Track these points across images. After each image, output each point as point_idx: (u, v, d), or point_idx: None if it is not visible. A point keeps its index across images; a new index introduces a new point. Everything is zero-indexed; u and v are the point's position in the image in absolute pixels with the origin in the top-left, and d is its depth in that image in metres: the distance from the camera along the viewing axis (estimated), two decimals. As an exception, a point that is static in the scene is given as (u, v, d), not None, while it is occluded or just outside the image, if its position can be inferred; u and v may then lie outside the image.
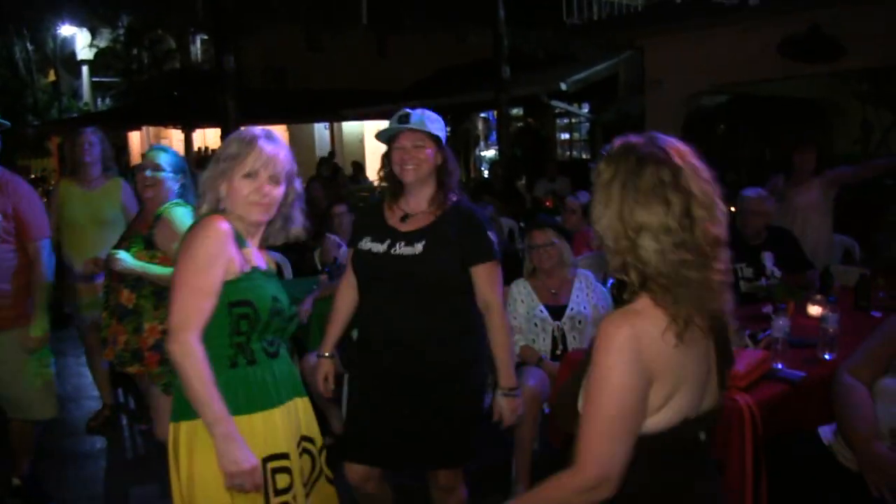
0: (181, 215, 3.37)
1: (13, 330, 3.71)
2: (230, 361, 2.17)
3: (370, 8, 12.00)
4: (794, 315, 3.74)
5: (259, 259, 2.30)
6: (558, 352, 4.00)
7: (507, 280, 4.42)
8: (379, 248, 2.83)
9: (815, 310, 3.84)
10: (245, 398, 2.17)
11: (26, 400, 3.80)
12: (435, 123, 2.81)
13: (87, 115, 22.55)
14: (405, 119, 2.79)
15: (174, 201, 3.48)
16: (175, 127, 21.49)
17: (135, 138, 23.37)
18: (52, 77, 25.68)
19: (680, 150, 1.67)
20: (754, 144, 10.52)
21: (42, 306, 3.71)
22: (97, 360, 5.05)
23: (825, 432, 2.81)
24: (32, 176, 19.91)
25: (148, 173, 3.51)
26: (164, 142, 24.32)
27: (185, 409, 2.13)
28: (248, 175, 2.22)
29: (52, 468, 4.48)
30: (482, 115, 17.35)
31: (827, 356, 3.24)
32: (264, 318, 2.20)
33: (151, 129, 23.35)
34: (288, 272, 5.89)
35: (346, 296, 3.00)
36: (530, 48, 12.94)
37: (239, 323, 2.16)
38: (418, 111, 2.81)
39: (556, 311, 4.02)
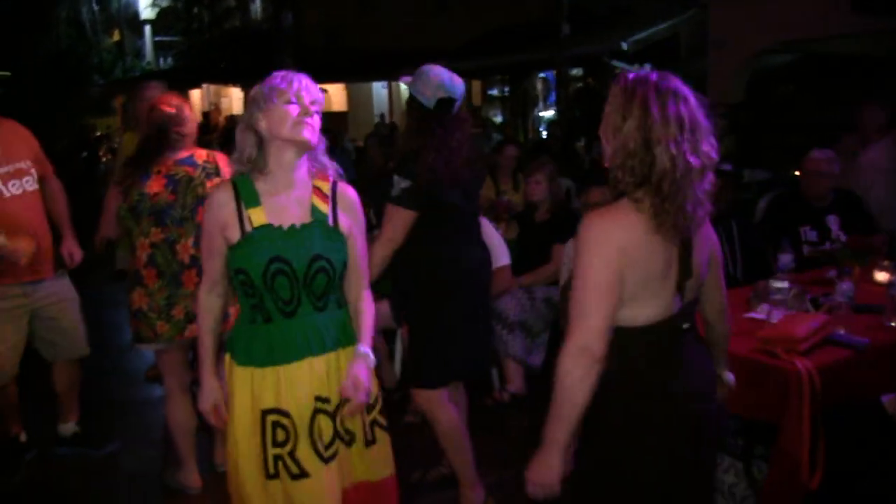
0: None
1: (57, 273, 3.88)
2: (250, 319, 2.29)
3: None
4: (860, 280, 3.62)
5: (279, 214, 2.25)
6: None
7: (564, 238, 4.41)
8: None
9: (882, 276, 3.70)
10: (259, 352, 2.26)
11: (77, 337, 3.96)
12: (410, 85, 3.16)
13: (150, 73, 22.90)
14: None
15: None
16: (234, 85, 21.71)
17: (195, 96, 23.68)
18: (116, 37, 26.13)
19: (688, 91, 1.96)
20: (821, 105, 10.17)
21: (67, 214, 4.00)
22: None
23: (888, 401, 2.73)
24: (98, 134, 20.36)
25: None
26: (223, 100, 24.62)
27: (231, 347, 2.35)
28: (290, 101, 2.23)
29: (114, 415, 4.62)
30: (541, 75, 17.12)
31: (893, 323, 3.13)
32: (259, 283, 2.21)
33: (212, 87, 23.63)
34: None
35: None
36: (590, 6, 12.68)
37: (244, 288, 2.25)
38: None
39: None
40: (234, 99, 24.12)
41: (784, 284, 3.20)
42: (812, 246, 4.46)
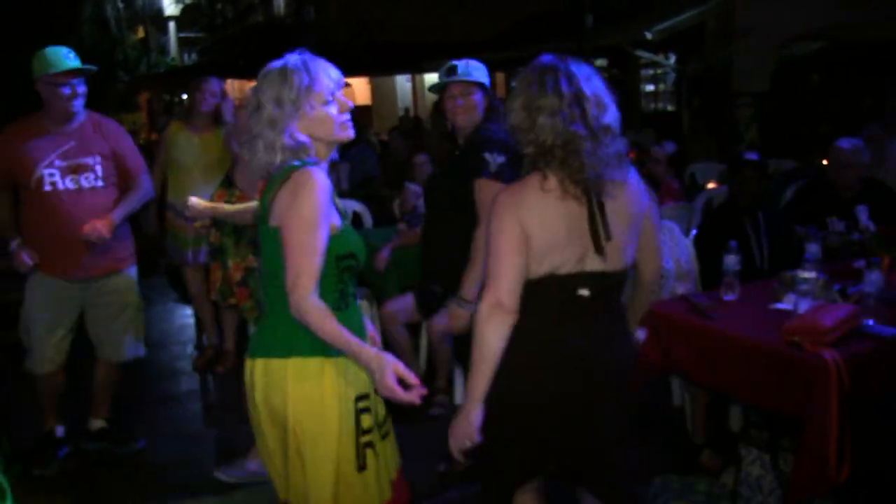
0: None
1: (119, 273, 3.88)
2: (335, 308, 2.18)
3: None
4: (889, 271, 3.56)
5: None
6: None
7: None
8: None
9: (911, 265, 3.65)
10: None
11: (121, 343, 3.97)
12: (478, 71, 3.12)
13: (175, 69, 23.05)
14: (453, 71, 3.11)
15: None
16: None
17: (220, 92, 23.78)
18: (140, 34, 26.31)
19: (581, 67, 2.18)
20: (850, 94, 10.02)
21: (127, 205, 3.80)
22: (203, 301, 5.30)
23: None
24: (124, 130, 20.52)
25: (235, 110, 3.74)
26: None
27: (292, 345, 2.18)
28: (327, 101, 2.18)
29: (140, 409, 4.68)
30: (564, 66, 17.01)
31: (923, 313, 3.08)
32: (363, 265, 2.28)
33: (236, 82, 23.74)
34: (368, 221, 5.94)
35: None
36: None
37: (343, 274, 2.20)
38: (463, 62, 3.12)
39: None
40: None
41: (811, 275, 3.15)
42: (839, 236, 4.40)
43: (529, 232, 2.14)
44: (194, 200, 3.44)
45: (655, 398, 4.25)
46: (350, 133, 2.22)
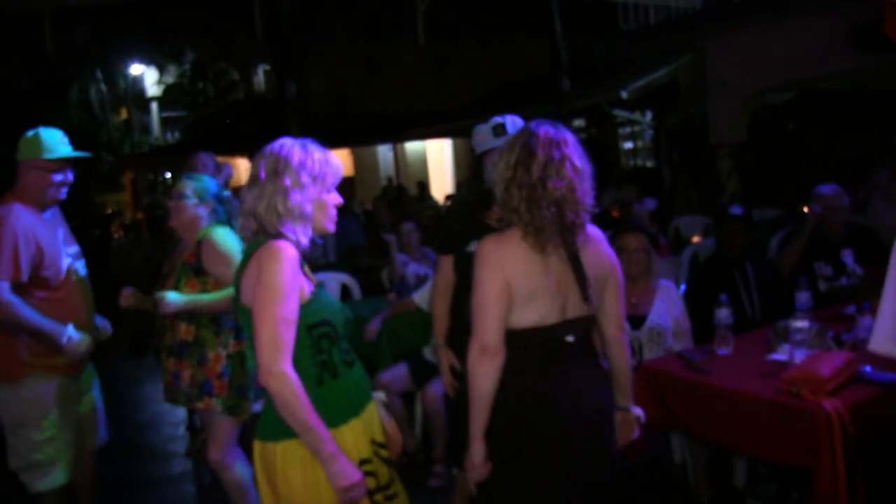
0: (223, 235, 3.31)
1: (91, 362, 3.72)
2: (317, 380, 2.19)
3: (427, 27, 12.06)
4: (880, 314, 3.56)
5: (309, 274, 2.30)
6: (633, 362, 3.89)
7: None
8: None
9: (902, 308, 3.65)
10: (333, 413, 2.19)
11: (102, 423, 3.79)
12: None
13: (158, 149, 23.22)
14: (502, 131, 2.92)
15: (211, 224, 3.38)
16: (241, 156, 22.00)
17: (203, 170, 23.91)
18: (124, 115, 26.56)
19: (558, 127, 2.33)
20: (826, 141, 10.17)
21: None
22: None
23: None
24: (109, 211, 20.55)
25: (170, 202, 3.48)
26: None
27: (282, 429, 2.14)
28: (331, 190, 2.29)
29: (133, 493, 4.56)
30: (544, 127, 17.22)
31: (919, 356, 3.07)
32: (341, 332, 2.25)
33: (219, 159, 23.88)
34: (357, 293, 5.91)
35: (448, 297, 3.11)
36: (589, 59, 12.82)
37: (320, 342, 2.19)
38: (508, 120, 2.95)
39: (634, 321, 3.91)
40: (241, 170, 24.31)
41: (804, 324, 3.15)
42: (827, 281, 4.41)
43: (512, 281, 2.27)
44: (171, 296, 3.22)
45: (656, 456, 4.19)
46: (332, 226, 2.31)
